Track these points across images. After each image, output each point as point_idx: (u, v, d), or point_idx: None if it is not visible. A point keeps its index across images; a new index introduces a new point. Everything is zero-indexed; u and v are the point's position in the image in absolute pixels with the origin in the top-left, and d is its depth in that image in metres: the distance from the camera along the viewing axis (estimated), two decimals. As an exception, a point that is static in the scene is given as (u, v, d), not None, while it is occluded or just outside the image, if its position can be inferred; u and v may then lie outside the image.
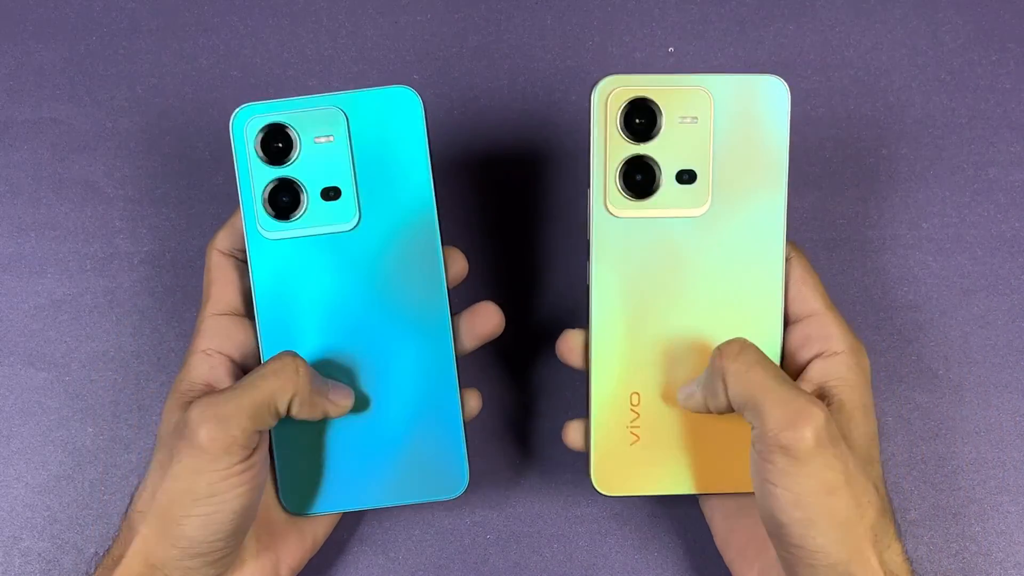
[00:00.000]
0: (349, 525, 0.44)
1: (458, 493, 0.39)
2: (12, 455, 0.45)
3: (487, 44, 0.50)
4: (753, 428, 0.34)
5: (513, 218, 0.48)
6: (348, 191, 0.38)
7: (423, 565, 0.44)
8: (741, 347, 0.35)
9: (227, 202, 0.47)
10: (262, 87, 0.49)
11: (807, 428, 0.32)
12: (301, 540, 0.40)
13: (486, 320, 0.40)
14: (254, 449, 0.35)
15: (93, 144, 0.48)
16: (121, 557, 0.35)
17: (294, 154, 0.38)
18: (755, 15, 0.50)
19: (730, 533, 0.40)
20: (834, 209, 0.48)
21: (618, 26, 0.49)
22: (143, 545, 0.35)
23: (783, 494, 0.33)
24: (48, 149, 0.48)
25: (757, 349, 0.35)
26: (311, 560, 0.41)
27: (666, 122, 0.38)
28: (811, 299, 0.38)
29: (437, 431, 0.39)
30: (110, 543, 0.37)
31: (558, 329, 0.40)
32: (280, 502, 0.39)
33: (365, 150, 0.38)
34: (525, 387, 0.46)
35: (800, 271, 0.39)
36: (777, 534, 0.34)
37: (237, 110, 0.38)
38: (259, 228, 0.38)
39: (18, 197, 0.48)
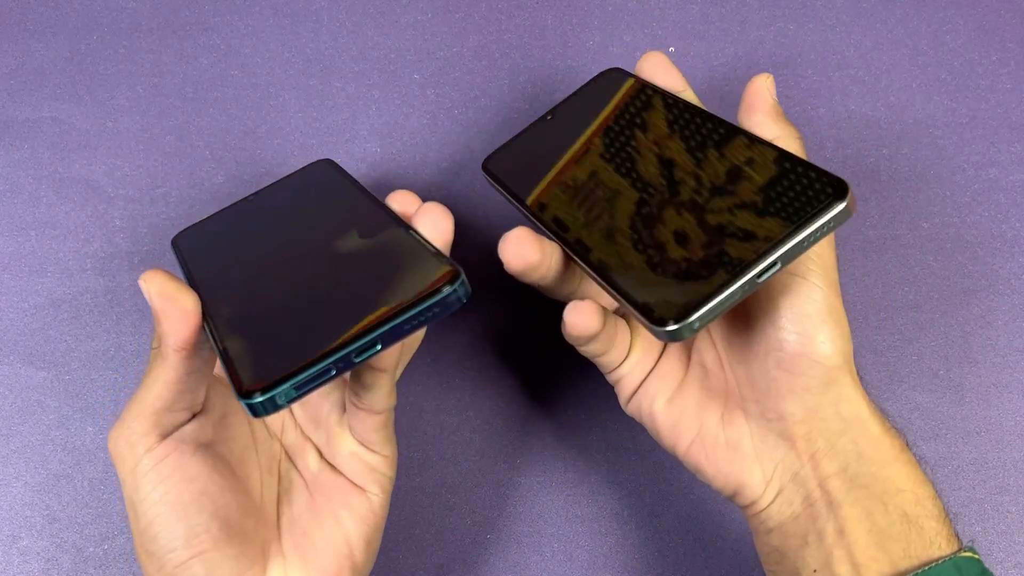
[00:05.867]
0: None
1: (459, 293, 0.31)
2: (11, 454, 0.45)
3: (487, 44, 0.50)
4: None
5: (513, 217, 0.48)
6: None
7: (423, 565, 0.44)
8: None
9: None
10: (262, 87, 0.49)
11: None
12: (333, 551, 0.35)
13: (435, 218, 0.35)
14: (161, 438, 0.33)
15: (93, 144, 0.48)
16: None
17: None
18: (755, 15, 0.50)
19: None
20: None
21: (618, 26, 0.49)
22: None
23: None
24: (48, 148, 0.48)
25: None
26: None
27: None
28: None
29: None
30: None
31: (558, 328, 0.40)
32: (243, 403, 0.29)
33: None
34: (525, 386, 0.46)
35: None
36: (794, 335, 0.33)
37: None
38: None
39: (18, 196, 0.48)
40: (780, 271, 0.31)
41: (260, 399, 0.29)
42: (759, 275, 0.31)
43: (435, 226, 0.35)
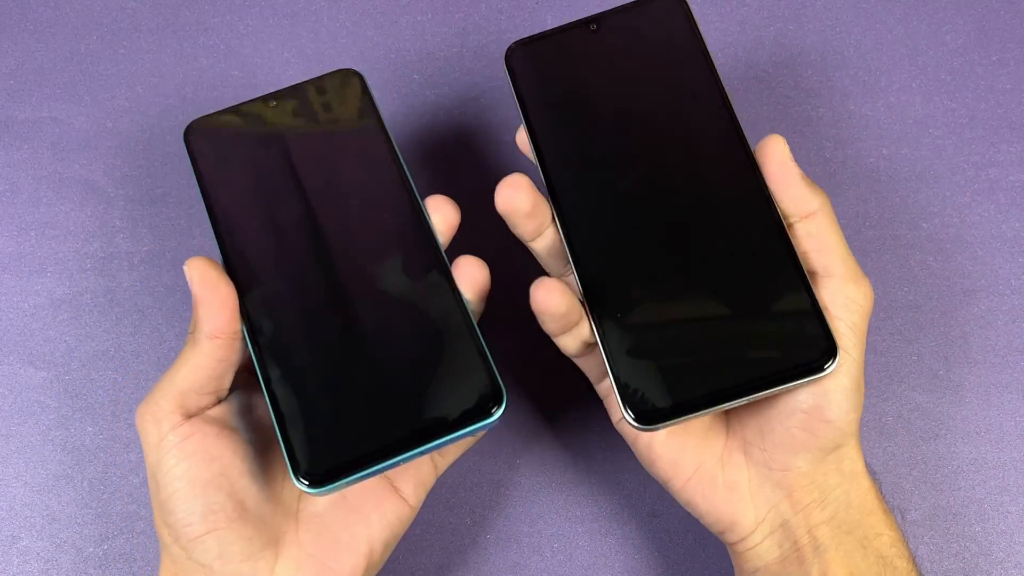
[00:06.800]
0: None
1: (497, 416, 0.33)
2: (11, 454, 0.45)
3: (487, 44, 0.50)
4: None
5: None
6: None
7: (423, 565, 0.44)
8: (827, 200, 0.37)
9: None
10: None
11: (869, 289, 0.35)
12: (354, 549, 0.36)
13: (472, 271, 0.36)
14: (186, 419, 0.34)
15: (93, 144, 0.48)
16: None
17: None
18: (755, 15, 0.50)
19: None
20: (835, 209, 0.48)
21: (618, 26, 0.49)
22: (165, 555, 0.35)
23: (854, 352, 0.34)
24: (48, 149, 0.48)
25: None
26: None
27: None
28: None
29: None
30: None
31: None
32: (294, 478, 0.33)
33: None
34: (525, 386, 0.46)
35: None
36: (818, 403, 0.34)
37: None
38: None
39: (18, 197, 0.48)
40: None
41: (310, 490, 0.33)
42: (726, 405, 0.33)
43: (472, 283, 0.36)
